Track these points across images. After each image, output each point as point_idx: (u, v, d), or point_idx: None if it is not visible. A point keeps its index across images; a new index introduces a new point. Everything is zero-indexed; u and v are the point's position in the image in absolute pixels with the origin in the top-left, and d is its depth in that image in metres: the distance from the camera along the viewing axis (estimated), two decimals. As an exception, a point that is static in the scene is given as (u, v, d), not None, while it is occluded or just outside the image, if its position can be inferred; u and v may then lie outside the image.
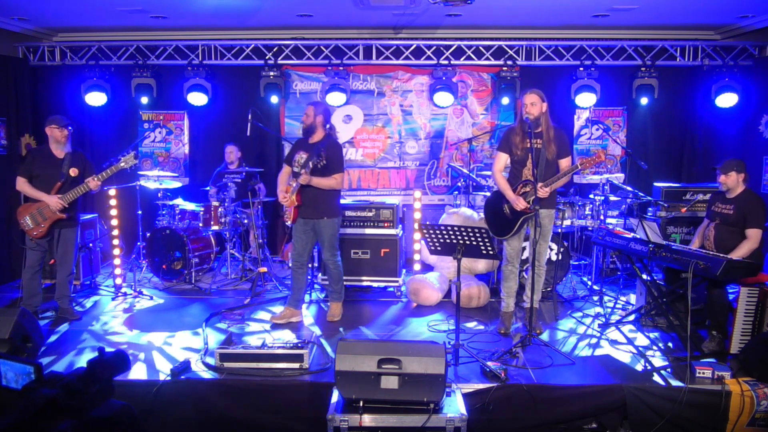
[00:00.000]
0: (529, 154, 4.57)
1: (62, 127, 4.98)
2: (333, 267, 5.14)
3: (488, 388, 3.76)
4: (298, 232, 5.03)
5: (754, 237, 4.42)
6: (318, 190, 4.87)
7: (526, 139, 4.56)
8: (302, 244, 5.07)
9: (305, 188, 4.86)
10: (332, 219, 5.00)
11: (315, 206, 4.92)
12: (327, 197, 4.93)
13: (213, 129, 7.64)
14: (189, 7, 6.20)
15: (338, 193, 5.09)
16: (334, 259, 5.11)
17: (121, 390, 3.82)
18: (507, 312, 4.93)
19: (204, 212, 6.48)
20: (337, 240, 5.11)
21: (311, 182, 4.79)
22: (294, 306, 5.19)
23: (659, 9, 6.25)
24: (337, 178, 4.92)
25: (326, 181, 4.86)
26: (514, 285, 4.87)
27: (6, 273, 6.62)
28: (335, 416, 3.25)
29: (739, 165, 4.63)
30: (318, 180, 4.82)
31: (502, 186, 4.72)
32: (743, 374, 3.85)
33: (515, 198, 4.59)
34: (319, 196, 4.89)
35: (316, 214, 4.95)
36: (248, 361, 4.00)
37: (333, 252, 5.09)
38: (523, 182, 4.64)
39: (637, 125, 7.51)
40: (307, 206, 4.92)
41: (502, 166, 4.78)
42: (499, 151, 4.78)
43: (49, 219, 4.95)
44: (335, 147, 4.97)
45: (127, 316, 5.36)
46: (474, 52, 7.28)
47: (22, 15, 6.55)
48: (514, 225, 4.68)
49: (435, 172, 7.74)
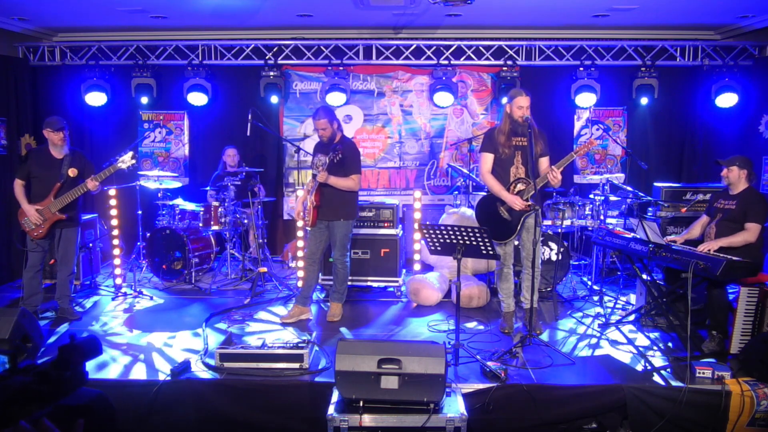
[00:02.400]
0: (516, 152, 4.58)
1: (56, 130, 4.95)
2: (341, 267, 5.16)
3: (488, 388, 3.76)
4: (314, 230, 5.07)
5: (752, 230, 4.39)
6: (336, 190, 4.90)
7: (512, 138, 4.59)
8: (316, 243, 5.12)
9: (324, 189, 4.89)
10: (348, 221, 5.04)
11: (333, 207, 4.96)
12: (345, 199, 4.97)
13: (213, 129, 7.64)
14: (189, 7, 6.20)
15: (356, 196, 5.10)
16: (343, 260, 5.14)
17: (121, 390, 3.86)
18: (508, 312, 4.93)
19: (204, 212, 6.48)
20: (349, 241, 5.14)
21: (329, 180, 4.83)
22: (302, 303, 5.22)
23: (659, 9, 6.25)
24: (355, 179, 4.94)
25: (344, 182, 4.89)
26: (511, 285, 4.89)
27: (6, 273, 6.62)
28: (335, 416, 3.25)
29: (743, 161, 4.58)
30: (336, 179, 4.86)
31: (495, 188, 4.64)
32: (743, 374, 3.85)
33: (513, 198, 4.56)
34: (337, 197, 4.93)
35: (333, 216, 4.98)
36: (248, 361, 4.00)
37: (343, 252, 5.12)
38: (516, 181, 4.62)
39: (637, 125, 7.51)
40: (325, 207, 4.95)
41: (490, 167, 4.70)
42: (485, 152, 4.71)
43: (49, 220, 4.95)
44: (352, 147, 5.02)
45: (127, 316, 5.36)
46: (474, 52, 7.28)
47: (22, 15, 6.55)
48: (516, 227, 4.64)
49: (435, 172, 7.74)
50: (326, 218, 5.01)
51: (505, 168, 4.66)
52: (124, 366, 4.19)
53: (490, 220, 4.72)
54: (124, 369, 4.14)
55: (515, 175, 4.64)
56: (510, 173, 4.64)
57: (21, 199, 4.97)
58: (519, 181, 4.62)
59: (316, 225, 5.01)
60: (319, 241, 5.11)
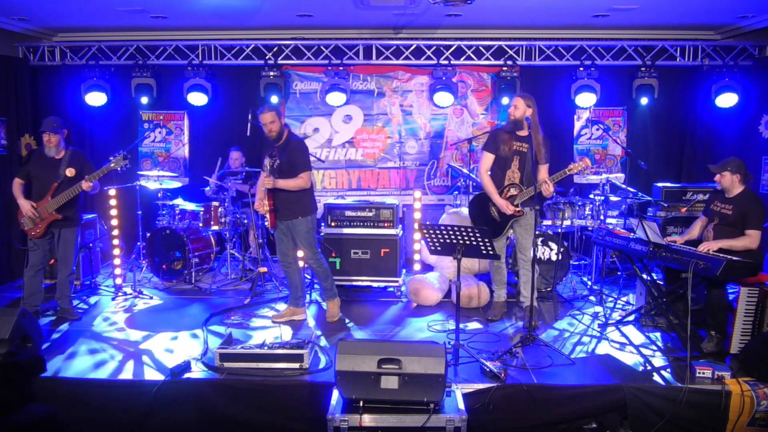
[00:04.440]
0: (515, 157, 4.73)
1: (50, 132, 4.92)
2: (316, 265, 5.13)
3: (488, 388, 3.76)
4: (279, 234, 5.09)
5: (753, 237, 4.38)
6: (286, 192, 4.88)
7: (514, 142, 4.72)
8: (284, 245, 5.12)
9: (276, 192, 4.89)
10: (305, 218, 4.99)
11: (287, 207, 4.95)
12: (297, 197, 4.94)
13: (213, 129, 7.63)
14: (189, 7, 6.20)
15: (309, 192, 5.05)
16: (315, 257, 5.10)
17: (121, 390, 3.86)
18: (499, 301, 5.22)
19: (204, 212, 6.48)
20: (314, 238, 5.09)
21: (276, 185, 4.82)
22: (294, 305, 5.22)
23: (659, 9, 6.25)
24: (303, 177, 4.90)
25: (291, 182, 4.87)
26: (502, 278, 5.12)
27: (6, 273, 6.61)
28: (335, 416, 3.25)
29: (734, 165, 4.50)
30: (283, 182, 4.84)
31: (489, 189, 4.82)
32: (743, 374, 3.85)
33: (504, 203, 4.77)
34: (288, 197, 4.91)
35: (290, 215, 4.97)
36: (248, 361, 4.01)
37: (312, 250, 5.08)
38: (509, 185, 4.77)
39: (637, 125, 7.51)
40: (280, 209, 4.95)
41: (489, 166, 4.86)
42: (486, 150, 4.87)
43: (46, 219, 4.96)
44: (298, 146, 4.97)
45: (127, 316, 5.36)
46: (474, 52, 7.27)
47: (22, 15, 6.55)
48: (503, 228, 4.88)
49: (435, 172, 7.74)
50: (284, 218, 4.99)
51: (502, 170, 4.80)
52: (124, 366, 4.19)
53: (480, 217, 4.95)
54: (124, 369, 4.14)
55: (510, 180, 4.79)
56: (506, 176, 4.79)
57: (17, 195, 4.99)
58: (512, 186, 4.79)
59: (276, 227, 5.03)
60: (286, 243, 5.10)
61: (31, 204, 4.93)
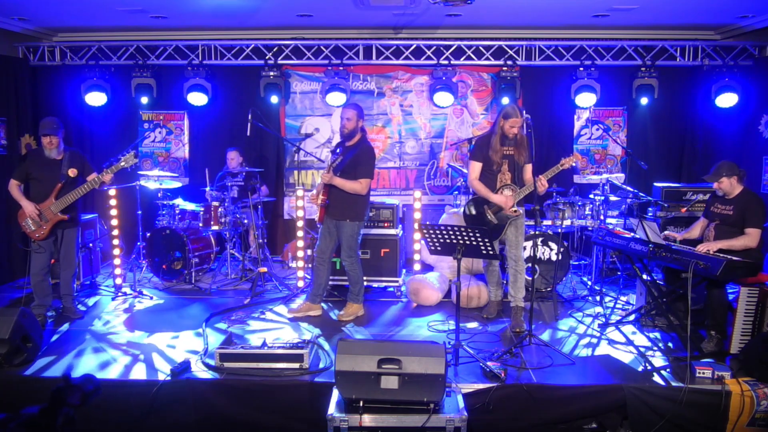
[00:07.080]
0: (504, 160, 4.84)
1: (47, 134, 4.90)
2: (350, 269, 5.21)
3: (488, 388, 3.77)
4: (324, 230, 5.16)
5: (753, 235, 4.39)
6: (343, 192, 4.95)
7: (501, 147, 4.82)
8: (326, 241, 5.18)
9: (333, 189, 4.97)
10: (354, 222, 5.06)
11: (340, 207, 5.02)
12: (352, 201, 5.01)
13: (213, 129, 7.63)
14: (189, 7, 6.20)
15: (364, 198, 5.10)
16: (350, 260, 5.17)
17: (121, 390, 3.86)
18: (494, 300, 5.31)
19: (204, 212, 6.48)
20: (356, 243, 5.15)
21: (333, 181, 4.90)
22: (312, 300, 5.31)
23: (659, 9, 6.25)
24: (363, 182, 4.96)
25: (349, 183, 4.93)
26: (497, 278, 5.25)
27: (6, 273, 6.61)
28: (335, 416, 3.25)
29: (728, 169, 4.52)
30: (341, 181, 4.92)
31: (483, 192, 4.90)
32: (743, 374, 3.85)
33: (504, 198, 4.82)
34: (343, 197, 4.98)
35: (339, 215, 5.04)
36: (248, 361, 4.01)
37: (350, 254, 5.14)
38: (503, 186, 4.85)
39: (637, 125, 7.51)
40: (332, 206, 5.03)
41: (478, 174, 4.96)
42: (474, 160, 4.97)
43: (50, 221, 4.94)
44: (367, 152, 5.03)
45: (127, 316, 5.36)
46: (474, 52, 7.27)
47: (22, 15, 6.55)
48: (500, 231, 4.93)
49: (435, 172, 7.74)
50: (334, 217, 5.07)
51: (493, 174, 4.90)
52: (124, 366, 4.19)
53: (477, 223, 4.95)
54: (124, 369, 4.14)
55: (502, 181, 4.88)
56: (497, 179, 4.88)
57: (19, 197, 4.94)
58: (506, 186, 4.86)
59: (324, 222, 5.12)
60: (328, 240, 5.17)
61: (34, 206, 4.92)
